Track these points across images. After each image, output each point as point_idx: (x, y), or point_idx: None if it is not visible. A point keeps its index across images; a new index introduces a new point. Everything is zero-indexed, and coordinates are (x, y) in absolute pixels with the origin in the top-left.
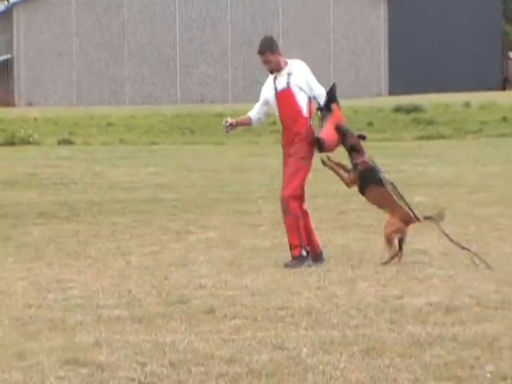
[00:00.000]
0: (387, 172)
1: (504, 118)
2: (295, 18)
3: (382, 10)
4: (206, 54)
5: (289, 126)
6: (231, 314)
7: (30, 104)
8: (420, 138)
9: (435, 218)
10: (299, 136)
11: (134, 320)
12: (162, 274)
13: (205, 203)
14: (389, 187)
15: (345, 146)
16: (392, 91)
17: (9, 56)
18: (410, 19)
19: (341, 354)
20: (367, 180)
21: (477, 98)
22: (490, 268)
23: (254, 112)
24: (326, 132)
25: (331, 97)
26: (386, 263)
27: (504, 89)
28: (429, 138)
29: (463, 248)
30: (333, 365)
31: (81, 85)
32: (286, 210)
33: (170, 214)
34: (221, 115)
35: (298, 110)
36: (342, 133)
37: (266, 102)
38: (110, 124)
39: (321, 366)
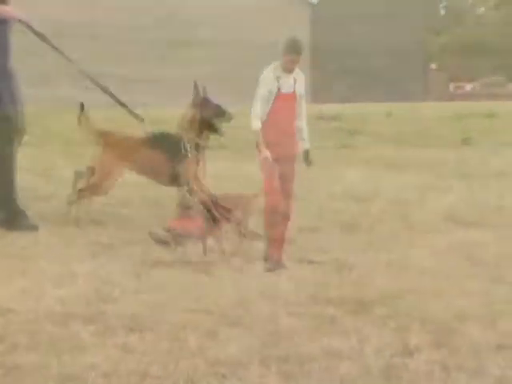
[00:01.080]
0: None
1: (425, 129)
2: (215, 25)
3: (305, 19)
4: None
5: (285, 127)
6: None
7: None
8: (341, 147)
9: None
10: (294, 137)
11: None
12: None
13: None
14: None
15: None
16: (314, 99)
17: None
18: (334, 29)
19: None
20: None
21: (398, 108)
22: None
23: (259, 119)
24: None
25: None
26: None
27: (424, 100)
28: (349, 146)
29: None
30: None
31: None
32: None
33: None
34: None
35: (295, 116)
36: None
37: (267, 101)
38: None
39: None
